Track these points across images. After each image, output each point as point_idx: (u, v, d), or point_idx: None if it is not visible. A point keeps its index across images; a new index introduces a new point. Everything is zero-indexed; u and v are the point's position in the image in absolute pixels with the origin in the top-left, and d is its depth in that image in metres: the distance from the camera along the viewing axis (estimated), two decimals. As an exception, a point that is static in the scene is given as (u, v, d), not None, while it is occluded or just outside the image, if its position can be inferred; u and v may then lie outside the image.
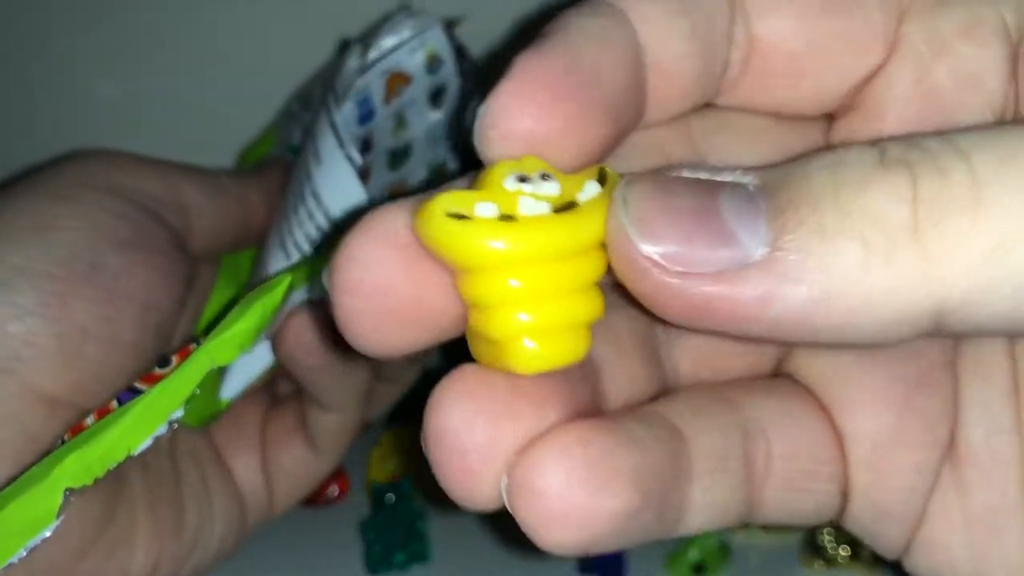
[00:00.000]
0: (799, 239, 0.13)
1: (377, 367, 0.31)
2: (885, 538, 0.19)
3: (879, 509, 0.18)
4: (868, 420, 0.18)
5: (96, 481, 0.26)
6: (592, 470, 0.15)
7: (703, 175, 0.15)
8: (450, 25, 0.31)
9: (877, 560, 0.40)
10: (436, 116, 0.32)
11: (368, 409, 0.33)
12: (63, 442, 0.26)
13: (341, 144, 0.28)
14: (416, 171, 0.32)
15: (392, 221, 0.15)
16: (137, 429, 0.27)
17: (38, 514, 0.25)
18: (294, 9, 0.38)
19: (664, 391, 0.19)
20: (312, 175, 0.29)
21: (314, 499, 0.44)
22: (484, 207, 0.14)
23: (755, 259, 0.13)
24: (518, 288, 0.15)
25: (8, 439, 0.25)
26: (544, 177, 0.15)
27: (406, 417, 0.48)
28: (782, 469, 0.18)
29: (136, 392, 0.27)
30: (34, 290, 0.26)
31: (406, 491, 0.40)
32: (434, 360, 0.37)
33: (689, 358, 0.19)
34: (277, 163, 0.33)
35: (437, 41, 0.30)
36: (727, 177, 0.14)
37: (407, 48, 0.30)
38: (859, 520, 0.19)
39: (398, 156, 0.32)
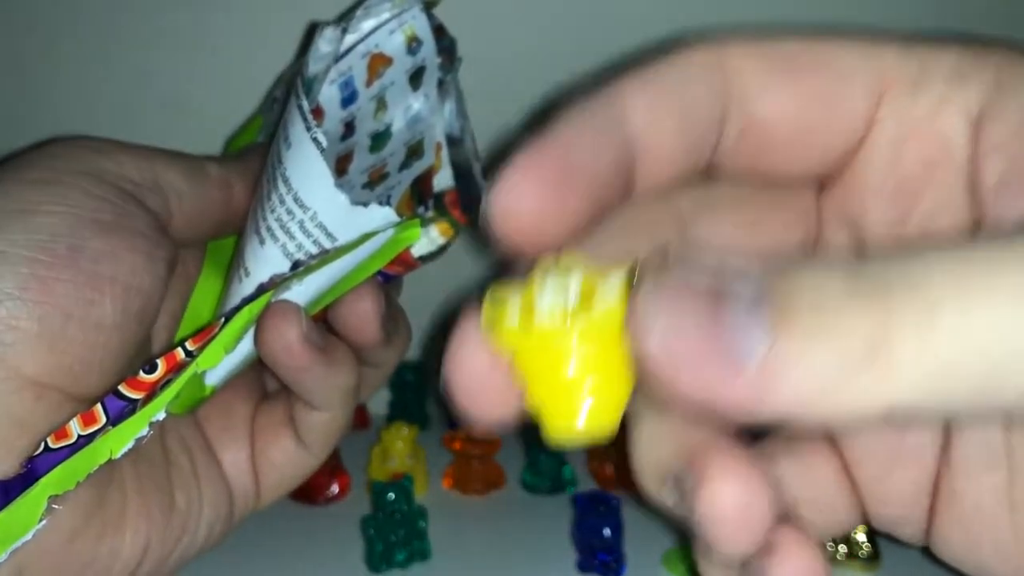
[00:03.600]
0: (787, 350, 0.16)
1: (361, 352, 0.31)
2: (905, 535, 0.23)
3: (889, 519, 0.23)
4: (868, 457, 0.23)
5: (78, 484, 0.26)
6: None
7: (709, 274, 0.17)
8: (429, 5, 0.31)
9: (874, 558, 0.40)
10: (415, 97, 0.32)
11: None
12: (46, 446, 0.26)
13: (308, 127, 0.28)
14: (396, 153, 0.32)
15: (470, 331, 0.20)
16: (120, 435, 0.27)
17: (21, 521, 0.25)
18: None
19: None
20: (282, 159, 0.29)
21: (315, 497, 0.43)
22: (512, 306, 0.18)
23: (751, 363, 0.16)
24: (535, 377, 0.18)
25: None
26: (568, 276, 0.18)
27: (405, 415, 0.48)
28: (807, 512, 0.22)
29: (120, 397, 0.27)
30: (14, 274, 0.26)
31: (407, 489, 0.40)
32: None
33: None
34: (260, 149, 0.33)
35: (416, 22, 0.30)
36: (735, 274, 0.17)
37: (386, 29, 0.30)
38: (878, 523, 0.24)
39: (379, 139, 0.32)
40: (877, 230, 0.21)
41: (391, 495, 0.40)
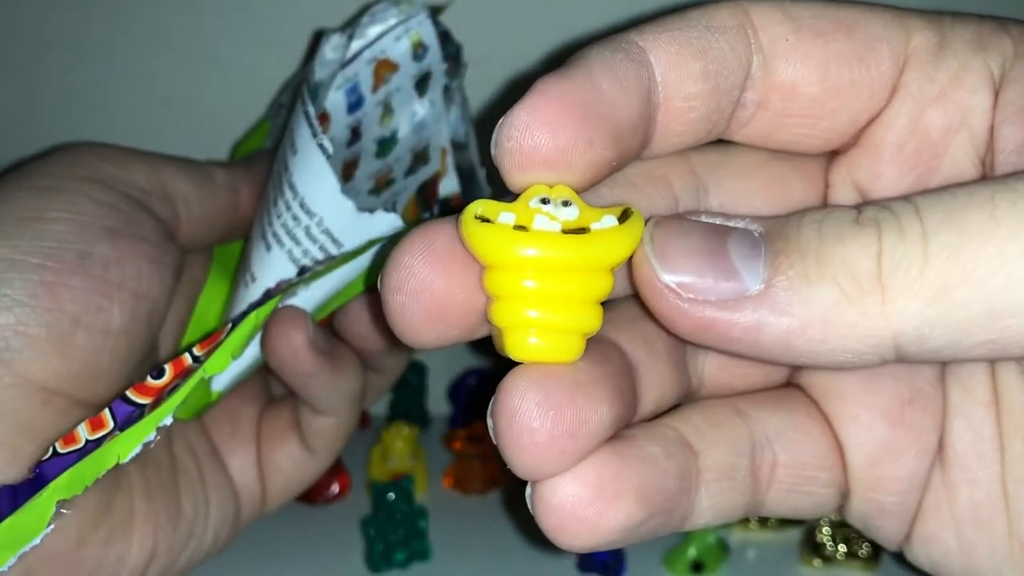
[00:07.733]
0: (787, 280, 0.16)
1: (367, 358, 0.31)
2: (883, 532, 0.22)
3: (876, 508, 0.21)
4: (865, 432, 0.21)
5: (86, 489, 0.26)
6: (600, 490, 0.18)
7: (718, 220, 0.18)
8: (435, 11, 0.31)
9: (874, 558, 0.40)
10: (421, 103, 0.32)
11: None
12: (54, 451, 0.26)
13: (315, 134, 0.28)
14: (401, 159, 0.32)
15: (432, 234, 0.18)
16: (127, 439, 0.27)
17: (30, 526, 0.25)
18: (284, 2, 0.39)
19: (690, 394, 0.22)
20: (289, 165, 0.29)
21: (315, 497, 0.44)
22: (505, 216, 0.17)
23: (752, 293, 0.16)
24: (527, 288, 0.17)
25: (2, 430, 0.26)
26: (566, 204, 0.17)
27: (407, 415, 0.49)
28: (785, 476, 0.21)
29: (128, 402, 0.27)
30: (23, 281, 0.26)
31: (407, 489, 0.40)
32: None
33: (713, 365, 0.22)
34: (266, 155, 0.33)
35: (422, 28, 0.31)
36: (738, 223, 0.17)
37: (392, 35, 0.30)
38: (859, 516, 0.22)
39: (385, 144, 0.32)
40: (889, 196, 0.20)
41: (391, 495, 0.40)
